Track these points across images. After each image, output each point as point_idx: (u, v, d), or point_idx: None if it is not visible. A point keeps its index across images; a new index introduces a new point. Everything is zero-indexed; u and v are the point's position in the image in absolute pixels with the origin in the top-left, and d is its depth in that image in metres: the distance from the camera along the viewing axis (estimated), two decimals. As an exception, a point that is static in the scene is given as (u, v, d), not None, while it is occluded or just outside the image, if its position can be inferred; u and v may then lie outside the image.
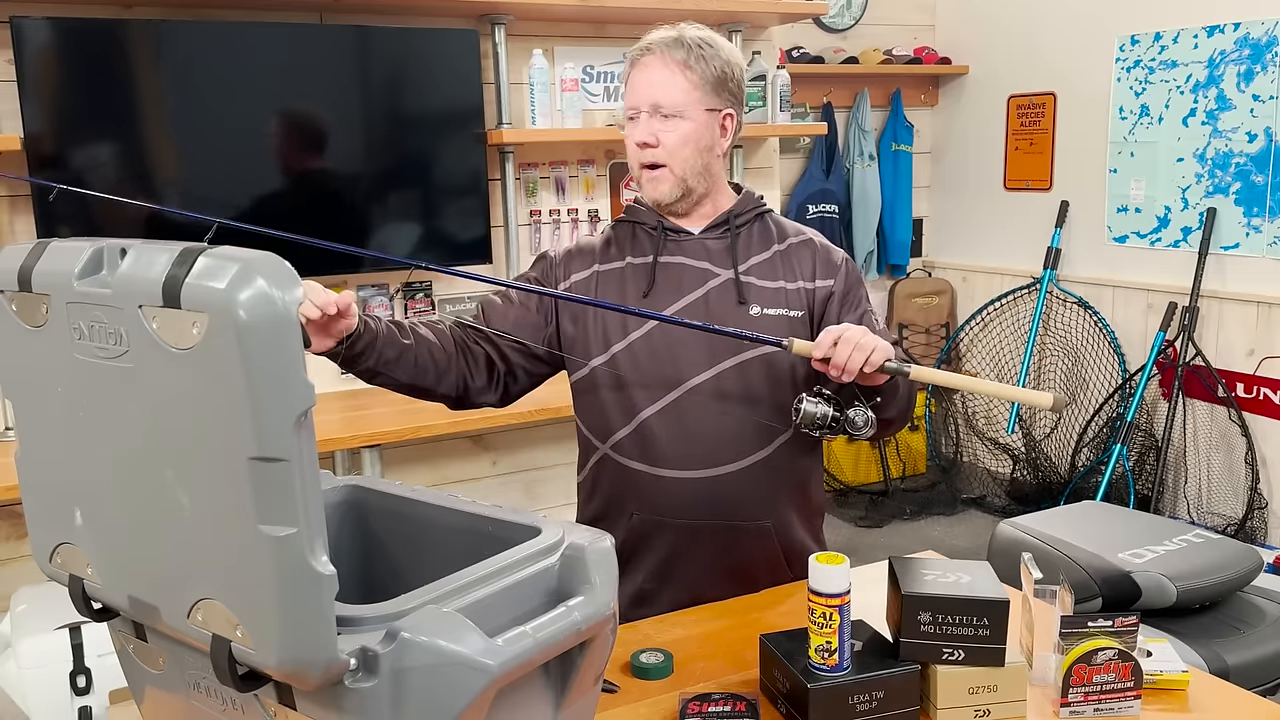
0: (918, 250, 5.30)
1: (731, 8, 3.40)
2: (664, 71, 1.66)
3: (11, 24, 2.63)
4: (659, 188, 1.69)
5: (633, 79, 1.69)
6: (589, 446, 1.77)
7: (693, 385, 1.67)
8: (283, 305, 0.83)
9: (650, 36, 1.70)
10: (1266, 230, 3.91)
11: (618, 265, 1.74)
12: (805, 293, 1.73)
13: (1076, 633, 1.36)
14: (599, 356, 1.70)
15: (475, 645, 0.93)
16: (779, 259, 1.74)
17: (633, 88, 1.69)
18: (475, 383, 1.70)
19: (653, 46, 1.68)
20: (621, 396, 1.69)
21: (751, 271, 1.72)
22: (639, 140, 1.67)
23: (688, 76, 1.65)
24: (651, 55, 1.67)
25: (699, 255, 1.72)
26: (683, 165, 1.67)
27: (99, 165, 2.77)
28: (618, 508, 1.73)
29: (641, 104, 1.67)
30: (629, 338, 1.69)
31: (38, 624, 2.27)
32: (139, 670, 1.13)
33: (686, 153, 1.67)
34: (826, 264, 1.75)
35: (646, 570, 1.73)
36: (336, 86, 3.04)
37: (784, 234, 1.78)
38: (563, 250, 1.80)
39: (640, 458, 1.69)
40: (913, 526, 4.58)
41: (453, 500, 1.23)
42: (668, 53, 1.66)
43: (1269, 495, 3.93)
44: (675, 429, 1.67)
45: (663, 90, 1.65)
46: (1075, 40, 4.51)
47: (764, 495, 1.71)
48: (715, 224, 1.74)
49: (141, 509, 0.96)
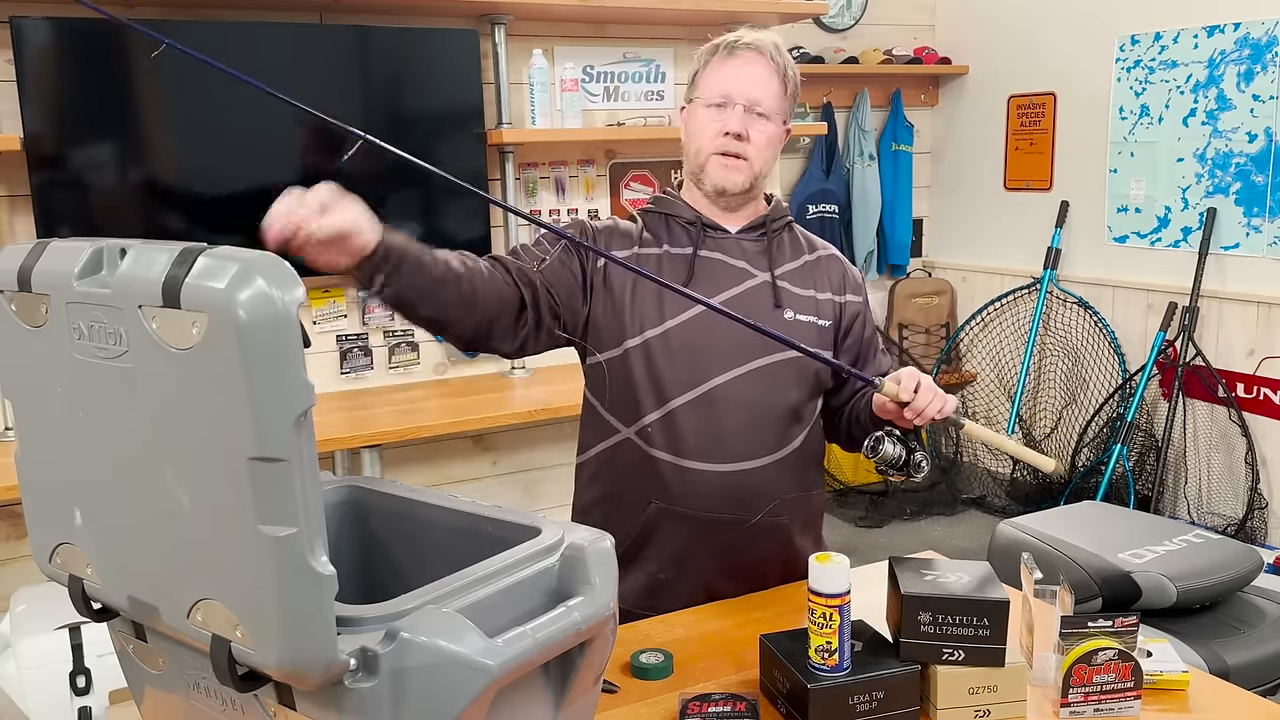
0: (918, 250, 5.30)
1: (731, 8, 3.39)
2: (766, 73, 1.69)
3: (11, 24, 2.63)
4: (734, 176, 1.70)
5: (730, 68, 1.70)
6: (607, 428, 1.74)
7: (724, 380, 1.68)
8: (283, 305, 0.83)
9: (749, 34, 1.72)
10: (1266, 230, 3.91)
11: (655, 252, 1.73)
12: (835, 305, 1.77)
13: (1076, 633, 1.36)
14: (636, 338, 1.69)
15: (475, 645, 0.93)
16: (809, 268, 1.78)
17: (729, 77, 1.69)
18: (499, 325, 1.61)
19: (756, 45, 1.70)
20: (653, 382, 1.68)
21: (785, 277, 1.74)
22: (734, 130, 1.67)
23: (783, 84, 1.71)
24: (754, 52, 1.70)
25: (736, 254, 1.74)
26: (760, 164, 1.71)
27: (99, 165, 2.77)
28: (632, 494, 1.72)
29: (737, 95, 1.68)
30: (666, 324, 1.68)
31: (38, 624, 2.27)
32: (139, 670, 1.13)
33: (768, 154, 1.72)
34: (854, 282, 1.82)
35: (661, 560, 1.72)
36: (336, 86, 3.04)
37: (812, 246, 1.82)
38: (601, 225, 1.77)
39: (666, 446, 1.68)
40: (913, 526, 4.58)
41: (453, 500, 1.23)
42: (771, 55, 1.70)
43: (1269, 495, 3.93)
44: (703, 421, 1.67)
45: (764, 89, 1.69)
46: (1075, 40, 4.51)
47: (778, 493, 1.72)
48: (751, 226, 1.76)
49: (141, 509, 0.96)
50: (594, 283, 1.70)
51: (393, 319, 3.30)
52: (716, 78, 1.70)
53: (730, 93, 1.68)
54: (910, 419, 1.55)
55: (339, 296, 3.23)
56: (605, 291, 1.70)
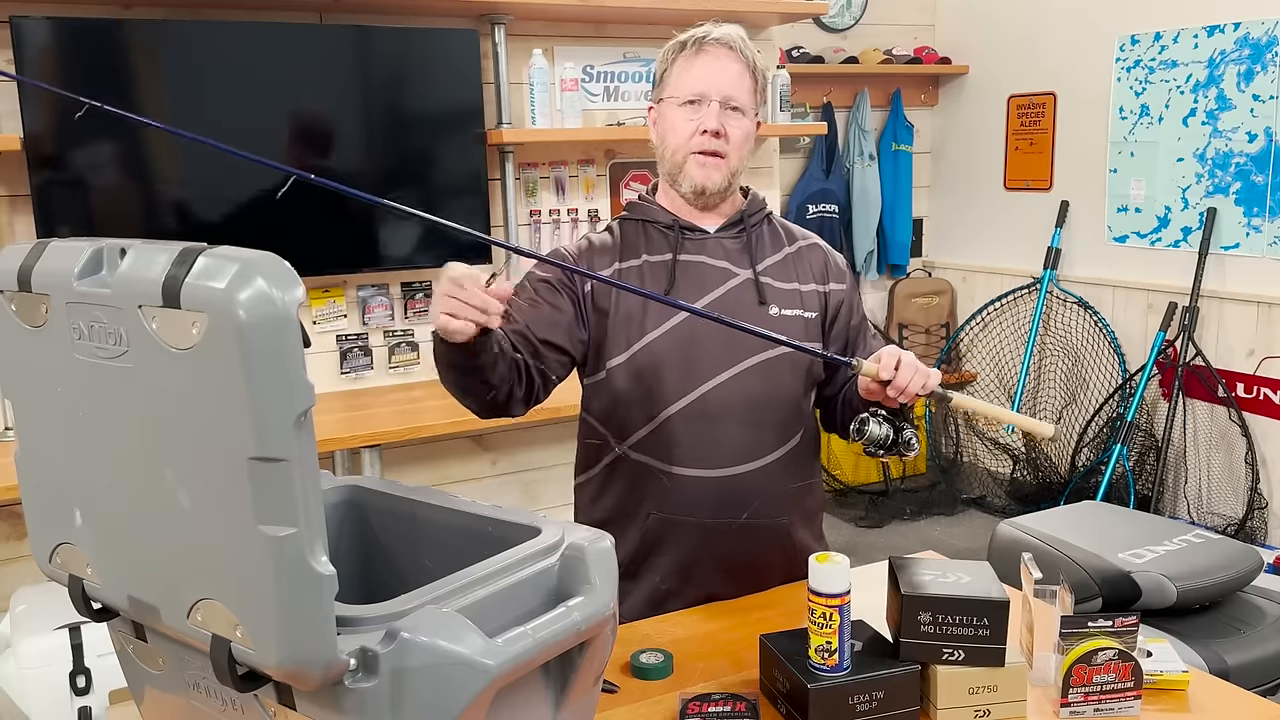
0: (918, 250, 5.30)
1: (731, 7, 3.39)
2: (736, 67, 1.68)
3: (11, 24, 2.63)
4: (713, 175, 1.68)
5: (700, 65, 1.67)
6: (602, 447, 1.74)
7: (715, 384, 1.67)
8: (283, 305, 0.83)
9: (715, 29, 1.69)
10: (1266, 230, 3.91)
11: (635, 263, 1.72)
12: (819, 295, 1.76)
13: (1076, 633, 1.36)
14: (619, 356, 1.68)
15: (475, 645, 0.93)
16: (791, 260, 1.76)
17: (701, 74, 1.67)
18: (517, 393, 1.61)
19: (724, 40, 1.68)
20: (642, 395, 1.67)
21: (767, 272, 1.73)
22: (712, 127, 1.65)
23: (753, 78, 1.70)
24: (724, 48, 1.68)
25: (717, 254, 1.73)
26: (738, 160, 1.70)
27: (99, 165, 2.77)
28: (632, 508, 1.71)
29: (711, 92, 1.66)
30: (648, 336, 1.67)
31: (38, 624, 2.27)
32: (139, 670, 1.13)
33: (744, 150, 1.71)
34: (837, 270, 1.80)
35: (664, 571, 1.71)
36: (336, 86, 3.04)
37: (792, 236, 1.80)
38: (577, 248, 1.76)
39: (659, 456, 1.67)
40: (913, 526, 4.58)
41: (453, 500, 1.23)
42: (739, 50, 1.68)
43: (1269, 495, 3.93)
44: (697, 427, 1.66)
45: (736, 85, 1.67)
46: (1075, 40, 4.51)
47: (778, 493, 1.72)
48: (730, 223, 1.75)
49: (141, 509, 0.96)
50: (586, 309, 1.70)
51: (392, 319, 3.30)
52: (687, 76, 1.68)
53: (703, 90, 1.66)
54: (894, 397, 1.51)
55: (339, 296, 3.23)
56: (597, 314, 1.70)
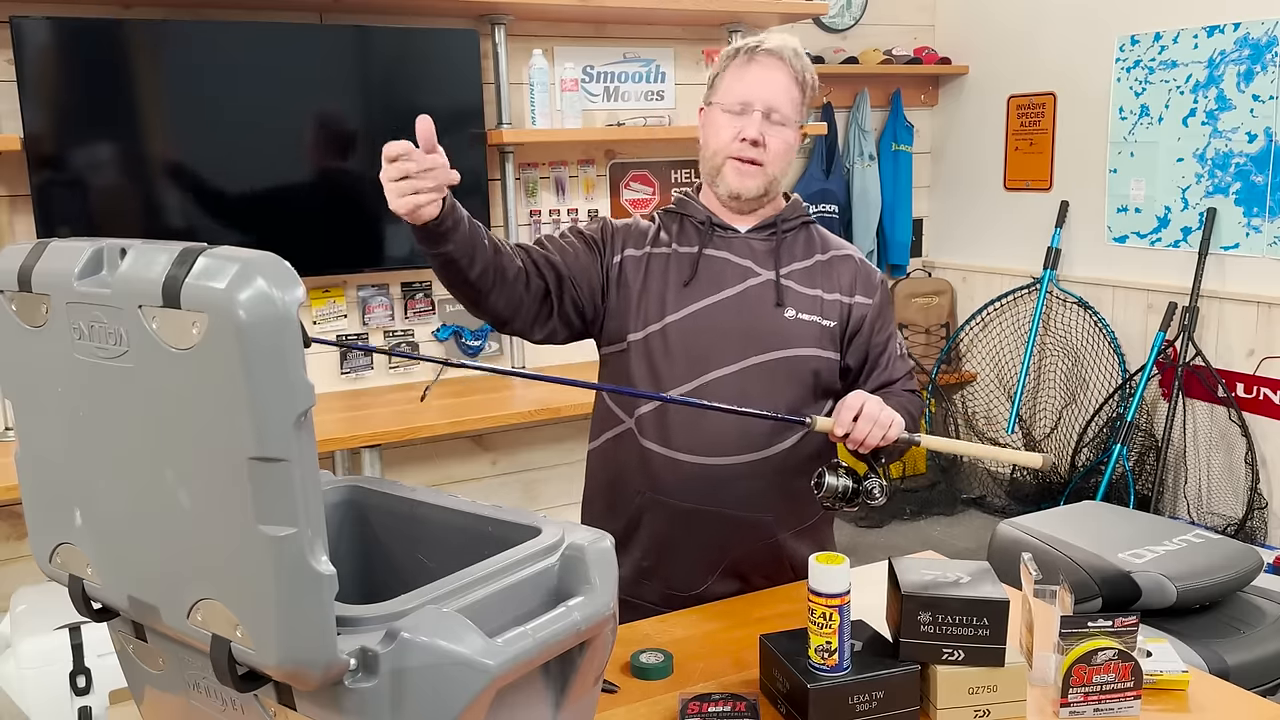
0: (918, 250, 5.30)
1: (731, 8, 3.40)
2: (785, 80, 1.71)
3: (11, 24, 2.63)
4: (750, 182, 1.71)
5: (750, 73, 1.71)
6: (612, 417, 1.78)
7: (716, 375, 1.70)
8: (283, 305, 0.83)
9: (769, 39, 1.73)
10: (1266, 230, 3.91)
11: (665, 251, 1.77)
12: (841, 306, 1.77)
13: (1076, 633, 1.36)
14: (638, 332, 1.72)
15: (475, 645, 0.93)
16: (819, 268, 1.78)
17: (749, 82, 1.70)
18: (524, 311, 1.67)
19: (776, 51, 1.71)
20: (651, 375, 1.72)
21: (791, 276, 1.75)
22: (751, 136, 1.68)
23: (801, 90, 1.72)
24: (775, 59, 1.71)
25: (743, 253, 1.76)
26: (777, 169, 1.73)
27: (99, 165, 2.77)
28: (627, 483, 1.76)
29: (756, 102, 1.69)
30: (667, 319, 1.71)
31: (38, 624, 2.27)
32: (139, 670, 1.13)
33: (784, 161, 1.73)
34: (867, 283, 1.80)
35: (644, 547, 1.77)
36: (336, 86, 3.04)
37: (826, 245, 1.82)
38: (621, 223, 1.81)
39: (655, 437, 1.72)
40: (913, 526, 4.58)
41: (453, 500, 1.23)
42: (791, 62, 1.71)
43: (1269, 495, 3.93)
44: (693, 414, 1.69)
45: (783, 96, 1.70)
46: (1075, 40, 4.51)
47: (767, 491, 1.72)
48: (763, 225, 1.77)
49: (141, 509, 0.96)
50: (610, 278, 1.75)
51: (392, 319, 3.30)
52: (736, 83, 1.71)
53: (749, 99, 1.69)
54: (854, 449, 1.56)
55: (339, 296, 3.23)
56: (619, 288, 1.74)
